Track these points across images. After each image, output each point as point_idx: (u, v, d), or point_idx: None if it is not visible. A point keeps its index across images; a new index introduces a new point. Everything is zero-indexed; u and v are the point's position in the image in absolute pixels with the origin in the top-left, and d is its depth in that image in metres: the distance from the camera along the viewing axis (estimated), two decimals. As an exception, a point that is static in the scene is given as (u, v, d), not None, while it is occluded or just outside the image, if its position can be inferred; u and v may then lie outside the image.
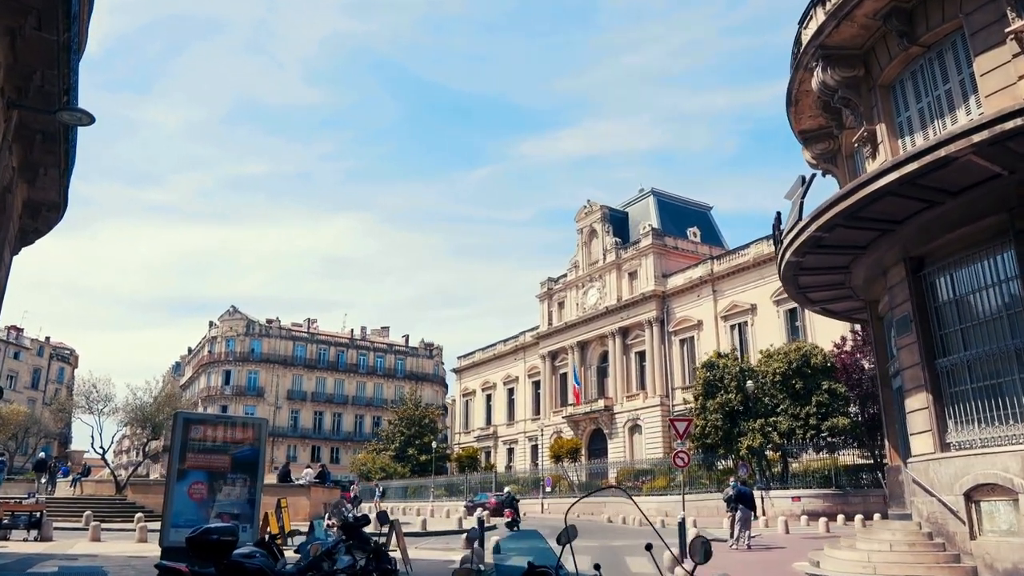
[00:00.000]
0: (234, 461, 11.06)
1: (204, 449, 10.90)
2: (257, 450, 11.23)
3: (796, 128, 18.50)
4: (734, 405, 31.81)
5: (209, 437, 10.93)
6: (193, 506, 10.70)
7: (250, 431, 11.27)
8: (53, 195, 14.57)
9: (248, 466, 11.10)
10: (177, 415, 10.85)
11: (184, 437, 10.66)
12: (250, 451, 11.19)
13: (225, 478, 10.91)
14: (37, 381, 76.71)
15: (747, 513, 18.49)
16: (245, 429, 11.27)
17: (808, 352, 32.25)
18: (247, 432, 11.24)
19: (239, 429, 11.20)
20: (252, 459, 11.15)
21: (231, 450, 11.01)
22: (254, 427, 11.36)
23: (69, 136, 12.68)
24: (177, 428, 10.67)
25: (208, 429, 11.00)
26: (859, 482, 33.47)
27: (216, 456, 10.98)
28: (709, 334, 49.30)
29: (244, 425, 11.35)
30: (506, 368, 71.28)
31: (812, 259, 15.21)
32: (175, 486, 10.60)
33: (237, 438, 11.06)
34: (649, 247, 54.52)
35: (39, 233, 16.32)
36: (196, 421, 11.08)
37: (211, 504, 10.81)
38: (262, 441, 11.19)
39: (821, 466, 34.43)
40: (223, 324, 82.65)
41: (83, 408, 31.03)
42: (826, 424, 30.49)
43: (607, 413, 54.79)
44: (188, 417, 11.07)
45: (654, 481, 40.17)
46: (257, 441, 11.23)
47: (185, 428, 10.73)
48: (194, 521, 10.51)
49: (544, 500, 44.64)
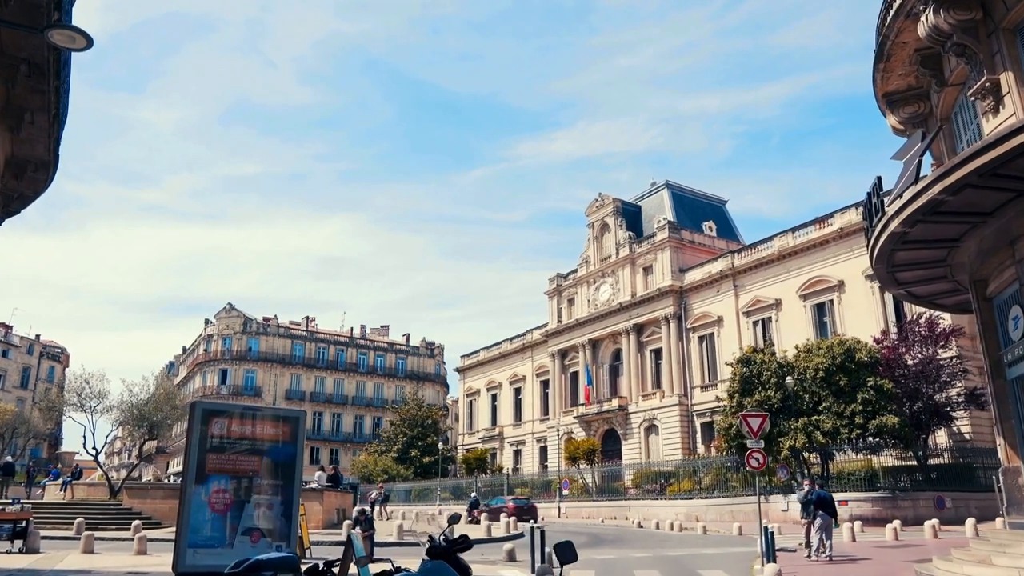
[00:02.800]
0: (265, 463, 8.76)
1: (228, 448, 8.59)
2: (294, 449, 8.94)
3: (882, 90, 16.49)
4: (774, 403, 29.77)
5: (235, 433, 8.63)
6: (215, 520, 8.34)
7: (285, 426, 8.96)
8: (41, 150, 12.41)
9: (283, 469, 8.85)
10: (195, 405, 8.42)
11: (204, 433, 8.38)
12: (285, 450, 8.91)
13: (254, 484, 8.58)
14: (26, 380, 74.11)
15: (828, 520, 16.47)
16: (279, 423, 8.93)
17: (852, 347, 30.28)
18: (282, 427, 8.94)
19: (271, 423, 8.84)
20: (288, 460, 8.88)
21: (262, 449, 8.72)
22: (290, 421, 9.04)
23: (61, 70, 10.54)
24: (195, 422, 8.33)
25: (234, 423, 8.65)
26: (898, 484, 31.58)
27: (243, 457, 8.67)
28: (730, 330, 47.34)
29: (278, 418, 9.01)
30: (512, 367, 69.17)
31: (921, 230, 13.20)
32: (192, 494, 8.19)
33: (269, 434, 8.78)
34: (665, 241, 52.54)
35: (25, 200, 14.12)
36: (219, 413, 8.69)
37: (237, 517, 8.45)
38: (300, 438, 8.91)
39: (857, 468, 32.48)
40: (219, 322, 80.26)
41: (75, 406, 28.76)
42: (873, 423, 28.51)
43: (621, 413, 52.74)
44: (209, 408, 8.70)
45: (679, 484, 38.10)
46: (294, 438, 8.94)
47: (205, 422, 8.44)
48: (216, 539, 8.33)
49: (561, 504, 42.55)
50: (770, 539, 13.96)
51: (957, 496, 29.77)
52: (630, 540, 24.00)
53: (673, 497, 37.68)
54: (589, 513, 40.41)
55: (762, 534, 14.55)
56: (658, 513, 35.20)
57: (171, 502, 27.15)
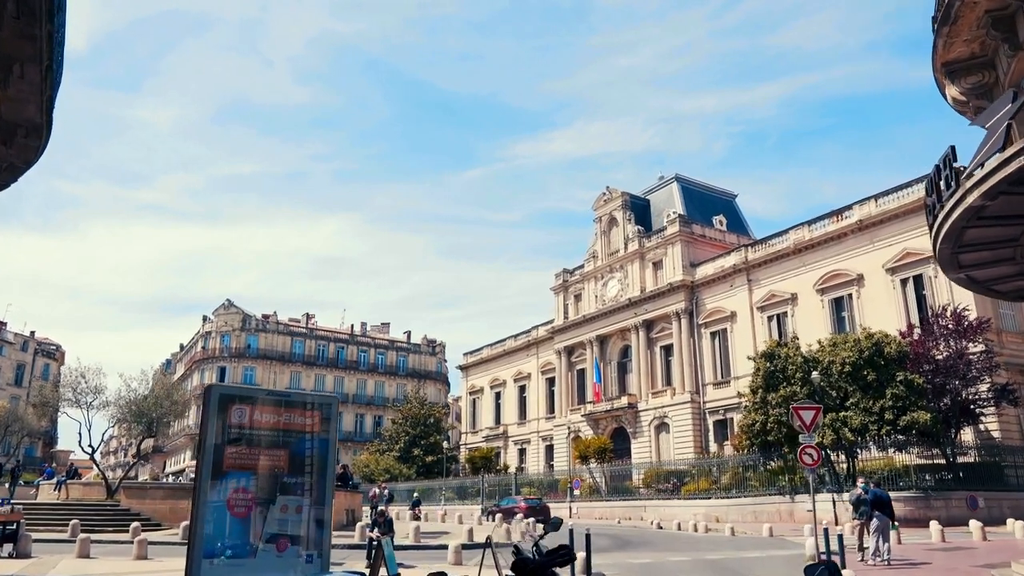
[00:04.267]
0: (293, 457, 7.36)
1: (250, 440, 7.17)
2: (327, 442, 7.52)
3: (943, 58, 15.29)
4: (800, 398, 28.56)
5: (258, 422, 7.21)
6: (234, 525, 6.94)
7: (316, 413, 7.57)
8: (32, 110, 11.11)
9: (313, 464, 7.45)
10: (211, 389, 6.97)
11: (221, 422, 7.00)
12: (316, 442, 7.51)
13: (280, 483, 7.18)
14: (20, 377, 72.62)
15: (885, 521, 15.25)
16: (309, 411, 7.53)
17: (879, 340, 29.12)
18: (312, 415, 7.55)
19: (300, 411, 7.42)
20: (319, 454, 7.52)
21: (289, 441, 7.34)
22: (322, 408, 7.65)
23: (55, 13, 9.25)
24: (210, 409, 6.91)
25: (256, 410, 7.21)
26: (923, 483, 30.46)
27: (267, 450, 7.28)
28: (744, 326, 46.19)
29: (308, 405, 7.59)
30: (517, 364, 67.92)
31: (1002, 203, 12.02)
32: (207, 495, 6.76)
33: (297, 424, 7.38)
34: (676, 235, 51.35)
35: (15, 170, 12.80)
36: (239, 399, 7.24)
37: (260, 521, 7.04)
38: (333, 428, 7.55)
39: (879, 466, 31.33)
40: (218, 319, 78.89)
41: (70, 401, 27.40)
42: (904, 419, 27.37)
43: (631, 411, 51.54)
44: (227, 393, 7.27)
45: (696, 483, 36.90)
46: (326, 427, 7.54)
47: (222, 409, 7.05)
48: (236, 548, 7.02)
49: (572, 504, 41.31)
50: (834, 543, 12.74)
51: (988, 496, 28.67)
52: (658, 542, 22.80)
53: (689, 497, 36.50)
54: (602, 513, 39.22)
55: (818, 537, 13.34)
56: (675, 513, 33.99)
57: (171, 502, 25.93)
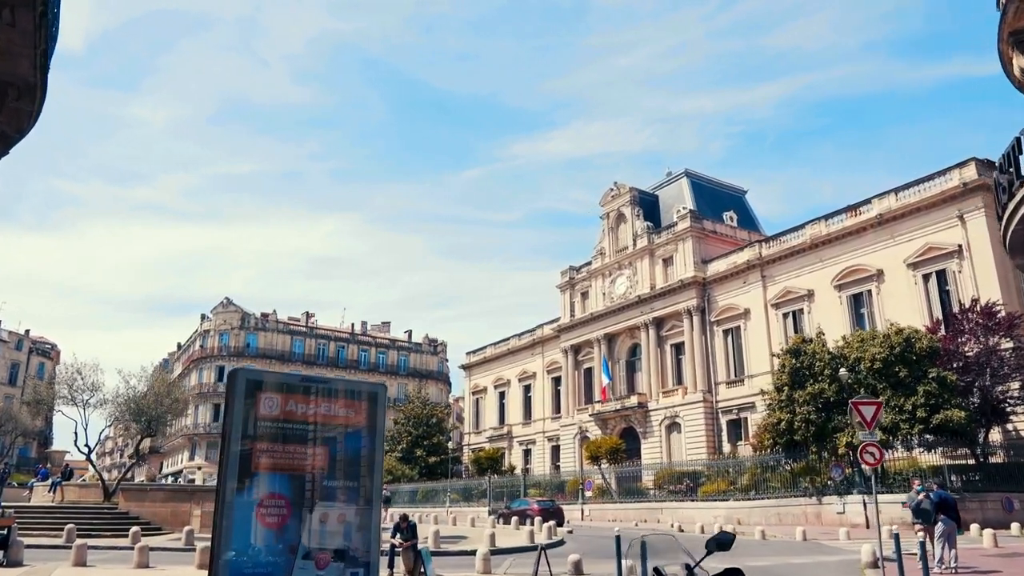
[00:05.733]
0: (335, 456, 6.03)
1: (284, 436, 5.80)
2: (374, 437, 6.14)
3: (1011, 27, 14.15)
4: (828, 395, 27.50)
5: (292, 415, 5.88)
6: (266, 537, 5.58)
7: (360, 404, 6.25)
8: (25, 67, 9.92)
9: (359, 464, 6.13)
10: (237, 374, 5.58)
11: (249, 414, 5.67)
12: (361, 439, 6.16)
13: (320, 487, 5.83)
14: (15, 376, 71.19)
15: (951, 526, 14.14)
16: (353, 401, 6.18)
17: (910, 336, 28.02)
18: (356, 406, 6.21)
19: (343, 401, 6.08)
20: (367, 452, 6.17)
21: (330, 437, 6.02)
22: (367, 398, 6.30)
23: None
24: (236, 398, 5.56)
25: (291, 401, 5.86)
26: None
27: (305, 449, 5.93)
28: (758, 323, 45.09)
29: (351, 394, 6.21)
30: (522, 363, 66.72)
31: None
32: (233, 501, 5.35)
33: (339, 416, 6.07)
34: (687, 230, 50.24)
35: (7, 140, 11.59)
36: (270, 386, 5.88)
37: (295, 533, 5.67)
38: (379, 422, 6.18)
39: (904, 467, 30.23)
40: (216, 317, 77.58)
41: (66, 399, 26.11)
42: (937, 417, 26.26)
43: (640, 410, 50.38)
44: (256, 378, 5.90)
45: (716, 483, 35.74)
46: (372, 421, 6.16)
47: (250, 398, 5.72)
48: (269, 565, 5.77)
49: (584, 506, 40.15)
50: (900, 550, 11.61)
51: (1019, 497, 27.60)
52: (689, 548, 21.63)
53: (706, 498, 35.35)
54: (615, 516, 38.02)
55: (881, 541, 12.19)
56: (693, 516, 32.85)
57: (173, 505, 24.71)
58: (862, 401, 13.91)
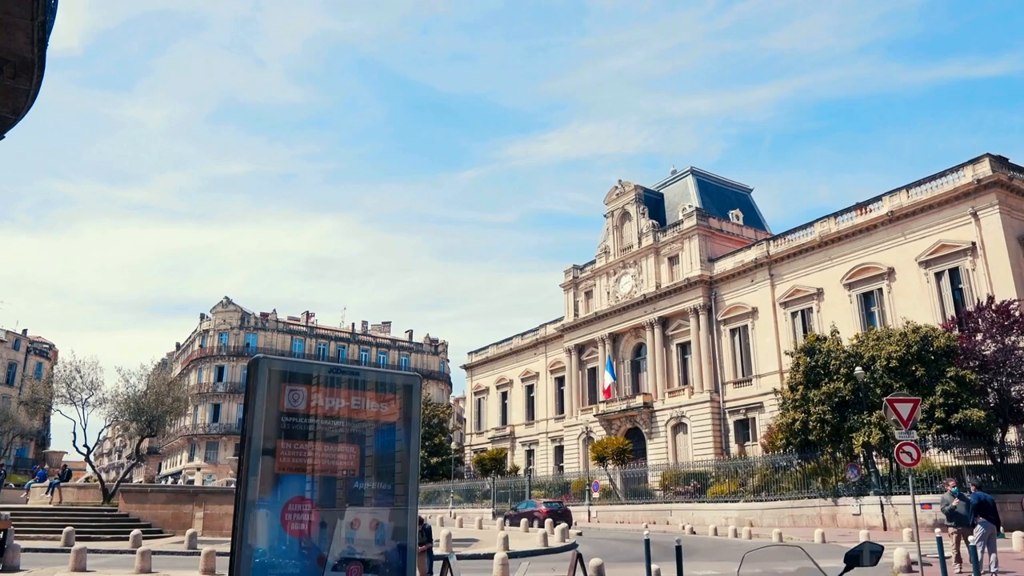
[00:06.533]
0: (367, 456, 5.32)
1: (311, 433, 5.08)
2: (407, 434, 5.43)
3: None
4: (844, 394, 26.92)
5: (321, 409, 5.16)
6: (292, 546, 4.87)
7: (393, 398, 5.52)
8: (21, 41, 9.31)
9: (393, 464, 5.41)
10: (259, 363, 4.82)
11: (274, 410, 4.95)
12: (395, 435, 5.44)
13: (350, 489, 5.11)
14: (12, 377, 70.46)
15: (991, 529, 13.56)
16: (386, 393, 5.46)
17: (927, 334, 27.45)
18: (389, 400, 5.51)
19: (374, 394, 5.35)
20: (402, 450, 5.49)
21: (361, 434, 5.31)
22: (402, 390, 5.58)
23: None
24: (258, 390, 4.84)
25: (318, 393, 5.15)
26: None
27: (334, 447, 5.22)
28: (766, 322, 44.54)
29: (384, 386, 5.50)
30: (524, 363, 66.13)
31: None
32: (255, 507, 4.61)
33: (370, 411, 5.37)
34: (693, 229, 49.67)
35: (2, 122, 11.01)
36: (297, 377, 5.13)
37: (325, 541, 4.94)
38: (415, 416, 5.47)
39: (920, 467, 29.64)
40: (216, 316, 76.91)
41: (64, 398, 25.47)
42: (956, 417, 25.69)
43: (646, 411, 49.80)
44: (282, 368, 5.14)
45: (727, 485, 35.15)
46: (406, 416, 5.45)
47: (273, 390, 4.98)
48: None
49: (591, 507, 39.54)
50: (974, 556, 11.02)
51: (1034, 499, 27.04)
52: (707, 550, 21.03)
53: (715, 500, 34.75)
54: (623, 517, 37.45)
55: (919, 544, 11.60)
56: (703, 517, 32.30)
57: (174, 507, 24.07)
58: (898, 399, 13.35)
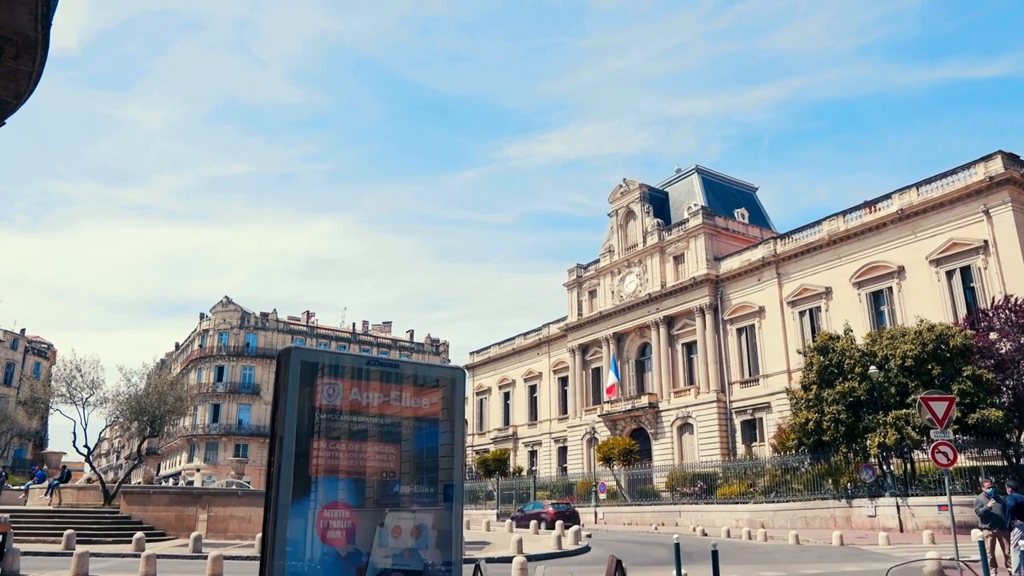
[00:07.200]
0: (408, 456, 4.76)
1: (348, 431, 4.49)
2: (453, 431, 4.85)
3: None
4: (859, 394, 26.46)
5: (358, 405, 4.60)
6: (327, 557, 4.32)
7: (436, 393, 4.99)
8: (24, 15, 8.71)
9: (437, 465, 4.85)
10: (291, 354, 4.24)
11: (308, 406, 4.35)
12: (438, 433, 4.87)
13: (390, 492, 4.49)
14: (10, 377, 69.87)
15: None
16: (428, 388, 4.87)
17: (943, 332, 27.00)
18: (431, 395, 4.94)
19: (416, 388, 4.76)
20: (446, 449, 4.92)
21: (402, 433, 4.74)
22: (446, 384, 4.98)
23: None
24: (289, 383, 4.24)
25: (355, 388, 4.57)
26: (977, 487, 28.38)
27: (373, 447, 4.64)
28: (773, 321, 44.09)
29: (425, 380, 4.91)
30: (527, 364, 65.65)
31: None
32: (287, 513, 3.96)
33: (409, 406, 4.78)
34: (699, 227, 49.21)
35: (3, 106, 10.45)
36: (333, 371, 4.50)
37: (363, 550, 4.33)
38: (458, 413, 4.89)
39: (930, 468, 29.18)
40: (215, 316, 76.36)
41: (64, 397, 24.94)
42: (972, 417, 25.24)
43: (651, 411, 49.32)
44: (313, 360, 4.51)
45: (737, 485, 34.67)
46: (450, 413, 4.86)
47: (307, 383, 4.38)
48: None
49: (597, 508, 39.05)
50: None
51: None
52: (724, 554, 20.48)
53: (725, 501, 34.28)
54: (630, 519, 36.98)
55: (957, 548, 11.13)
56: (713, 519, 31.83)
57: (177, 509, 23.55)
58: (933, 397, 12.88)
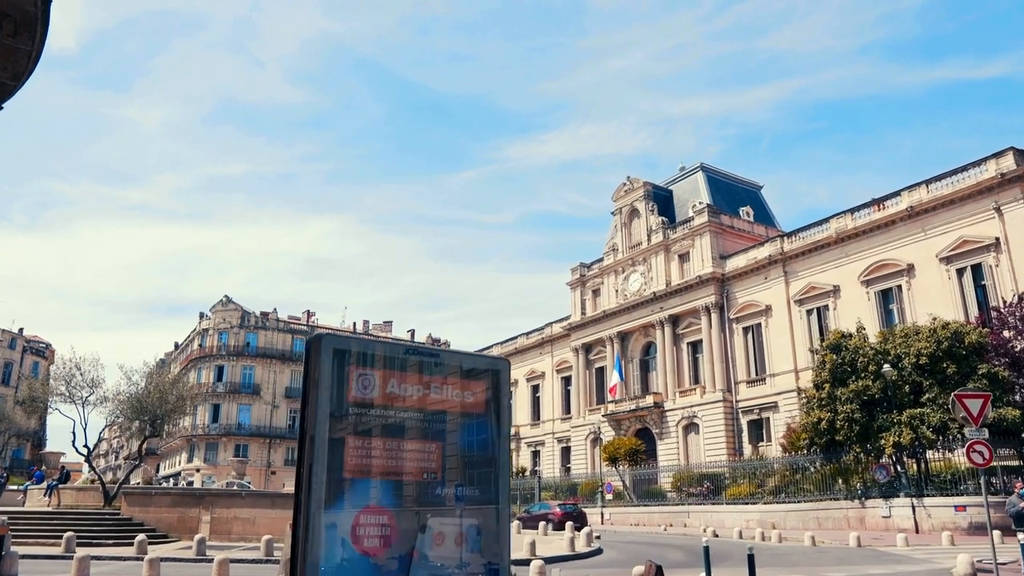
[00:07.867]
0: (450, 454, 4.12)
1: (385, 427, 3.90)
2: (499, 428, 4.23)
3: None
4: (873, 392, 26.03)
5: (396, 398, 3.97)
6: (363, 567, 3.61)
7: (479, 386, 4.38)
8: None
9: (481, 464, 4.22)
10: (322, 341, 3.61)
11: (340, 399, 3.73)
12: (482, 430, 4.25)
13: (430, 494, 3.86)
14: (8, 376, 69.26)
15: (1065, 535, 12.66)
16: (470, 381, 4.26)
17: (958, 330, 26.58)
18: (474, 388, 4.34)
19: (458, 381, 4.15)
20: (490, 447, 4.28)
21: (443, 429, 4.11)
22: (489, 376, 4.35)
23: None
24: (320, 374, 3.61)
25: (392, 379, 3.93)
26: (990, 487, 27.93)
27: (412, 445, 4.03)
28: (780, 320, 43.67)
29: (468, 372, 4.28)
30: (530, 363, 65.22)
31: None
32: (319, 519, 3.32)
33: (451, 400, 4.18)
34: (704, 225, 48.79)
35: (2, 88, 9.98)
36: (367, 361, 3.85)
37: (404, 559, 3.67)
38: (504, 408, 4.26)
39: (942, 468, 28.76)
40: (215, 315, 75.84)
41: (63, 396, 24.45)
42: (989, 415, 24.67)
43: (656, 411, 48.89)
44: (345, 348, 3.88)
45: (748, 486, 34.23)
46: (494, 408, 4.23)
47: (340, 374, 3.74)
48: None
49: (604, 509, 38.59)
50: None
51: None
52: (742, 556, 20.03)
53: (734, 501, 33.85)
54: (637, 520, 36.53)
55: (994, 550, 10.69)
56: (723, 520, 31.41)
57: (180, 511, 23.07)
58: (967, 394, 12.46)
